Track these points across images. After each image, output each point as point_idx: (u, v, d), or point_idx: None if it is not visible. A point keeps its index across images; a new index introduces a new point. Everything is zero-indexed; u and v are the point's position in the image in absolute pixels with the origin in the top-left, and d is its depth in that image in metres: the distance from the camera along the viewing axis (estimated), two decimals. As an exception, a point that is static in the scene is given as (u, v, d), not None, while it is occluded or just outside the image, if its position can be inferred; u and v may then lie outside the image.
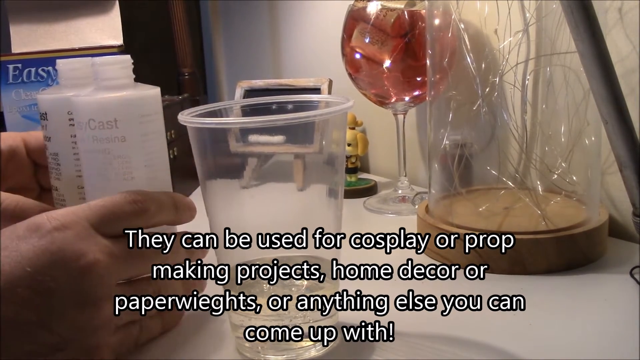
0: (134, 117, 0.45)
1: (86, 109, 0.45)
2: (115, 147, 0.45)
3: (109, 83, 0.46)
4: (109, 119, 0.45)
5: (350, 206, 0.79)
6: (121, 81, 0.46)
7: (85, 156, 0.46)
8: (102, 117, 0.45)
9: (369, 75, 0.72)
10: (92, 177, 0.46)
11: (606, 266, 0.55)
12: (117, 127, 0.45)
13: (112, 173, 0.45)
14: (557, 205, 0.60)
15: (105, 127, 0.45)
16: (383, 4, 0.70)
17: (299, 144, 0.42)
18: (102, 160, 0.45)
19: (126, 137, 0.45)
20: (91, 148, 0.45)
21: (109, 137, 0.45)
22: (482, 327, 0.45)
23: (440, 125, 0.62)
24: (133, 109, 0.45)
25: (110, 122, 0.45)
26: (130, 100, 0.45)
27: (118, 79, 0.46)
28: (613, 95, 0.47)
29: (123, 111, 0.45)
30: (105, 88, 0.46)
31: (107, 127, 0.45)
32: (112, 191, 0.43)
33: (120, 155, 0.45)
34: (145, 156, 0.46)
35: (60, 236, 0.38)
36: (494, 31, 0.59)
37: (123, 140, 0.45)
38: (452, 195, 0.62)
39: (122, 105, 0.45)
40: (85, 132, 0.45)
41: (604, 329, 0.44)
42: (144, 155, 0.46)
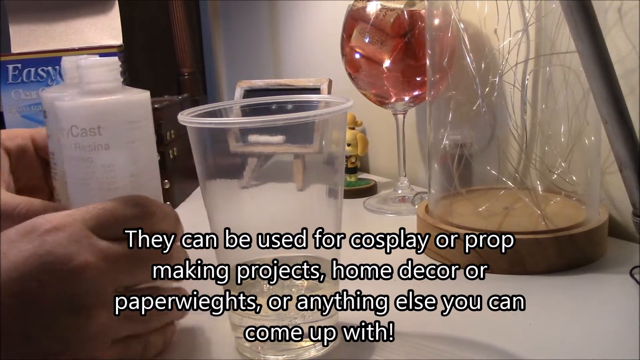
0: (119, 123, 0.42)
1: (68, 115, 0.42)
2: (99, 155, 0.42)
3: (93, 87, 0.43)
4: (92, 125, 0.42)
5: (350, 206, 0.79)
6: (107, 85, 0.43)
7: (69, 163, 0.44)
8: (85, 123, 0.42)
9: (369, 75, 0.72)
10: (75, 185, 0.44)
11: (606, 266, 0.55)
12: (100, 134, 0.42)
13: (94, 183, 0.43)
14: (557, 205, 0.60)
15: (88, 134, 0.42)
16: (383, 4, 0.70)
17: (299, 144, 0.42)
18: (85, 169, 0.43)
19: (110, 144, 0.42)
20: (74, 155, 0.43)
21: (91, 144, 0.42)
22: (482, 327, 0.45)
23: (440, 125, 0.62)
24: (118, 115, 0.42)
25: (94, 129, 0.42)
26: (115, 106, 0.42)
27: (103, 83, 0.43)
28: (613, 95, 0.47)
29: (107, 117, 0.42)
30: (89, 92, 0.43)
31: (89, 134, 0.42)
32: (95, 201, 0.40)
33: (103, 164, 0.42)
34: (132, 165, 0.43)
35: (50, 239, 0.36)
36: (494, 31, 0.59)
37: (107, 148, 0.42)
38: (452, 195, 0.62)
39: (106, 111, 0.42)
40: (68, 139, 0.43)
41: (604, 329, 0.44)
42: (129, 164, 0.43)
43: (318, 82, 0.79)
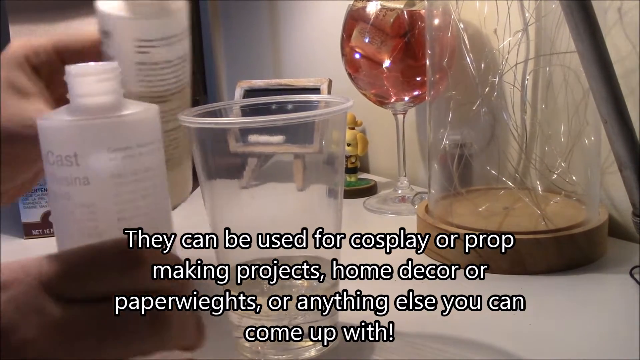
0: (102, 151, 0.32)
1: (44, 137, 0.33)
2: (77, 191, 0.33)
3: (83, 101, 0.33)
4: (67, 152, 0.32)
5: (350, 206, 0.79)
6: (99, 99, 0.33)
7: (51, 201, 0.35)
8: (60, 149, 0.32)
9: (369, 75, 0.72)
10: (57, 224, 0.35)
11: (606, 266, 0.55)
12: (77, 164, 0.32)
13: (74, 226, 0.33)
14: (557, 205, 0.60)
15: (64, 164, 0.32)
16: (382, 4, 0.70)
17: (299, 144, 0.42)
18: (62, 209, 0.33)
19: (89, 178, 0.32)
20: (51, 189, 0.34)
21: (68, 177, 0.32)
22: (482, 327, 0.45)
23: (440, 125, 0.62)
24: (102, 140, 0.32)
25: (70, 157, 0.32)
26: (98, 127, 0.32)
27: (94, 96, 0.33)
28: (613, 95, 0.47)
29: (86, 142, 0.32)
30: (77, 108, 0.33)
31: (65, 164, 0.32)
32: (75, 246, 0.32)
33: (83, 202, 0.33)
34: (118, 205, 0.33)
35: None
36: (494, 31, 0.59)
37: (86, 182, 0.32)
38: (452, 195, 0.62)
39: (83, 134, 0.32)
40: (46, 167, 0.34)
41: (604, 329, 0.44)
42: (115, 205, 0.33)
43: (318, 82, 0.79)
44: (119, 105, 0.34)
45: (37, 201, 0.72)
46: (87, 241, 0.31)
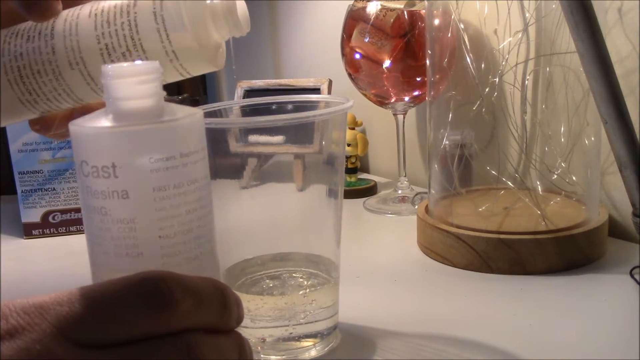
0: (141, 161, 0.29)
1: (77, 146, 0.30)
2: (114, 205, 0.30)
3: (120, 105, 0.30)
4: (105, 163, 0.29)
5: (350, 206, 0.79)
6: (139, 102, 0.30)
7: (84, 214, 0.32)
8: (95, 159, 0.29)
9: (369, 75, 0.72)
10: (91, 245, 0.32)
11: (606, 266, 0.55)
12: (115, 176, 0.29)
13: (110, 244, 0.30)
14: (557, 205, 0.60)
15: (100, 175, 0.29)
16: (383, 4, 0.70)
17: (299, 144, 0.42)
18: (98, 225, 0.30)
19: (129, 191, 0.30)
20: (86, 204, 0.31)
21: (105, 189, 0.30)
22: (482, 327, 0.45)
23: (440, 125, 0.62)
24: (140, 149, 0.29)
25: (107, 168, 0.29)
26: (136, 135, 0.29)
27: (134, 100, 0.30)
28: (613, 95, 0.47)
29: (124, 152, 0.29)
30: (115, 113, 0.30)
31: (102, 175, 0.29)
32: (114, 271, 0.29)
33: (121, 218, 0.30)
34: (160, 222, 0.30)
35: (4, 348, 0.25)
36: (494, 31, 0.59)
37: (125, 196, 0.30)
38: (452, 195, 0.62)
39: (121, 143, 0.29)
40: (80, 180, 0.31)
41: (604, 329, 0.44)
42: (157, 221, 0.30)
43: (318, 82, 0.79)
44: (161, 110, 0.30)
45: (37, 201, 0.71)
46: (125, 260, 0.30)
